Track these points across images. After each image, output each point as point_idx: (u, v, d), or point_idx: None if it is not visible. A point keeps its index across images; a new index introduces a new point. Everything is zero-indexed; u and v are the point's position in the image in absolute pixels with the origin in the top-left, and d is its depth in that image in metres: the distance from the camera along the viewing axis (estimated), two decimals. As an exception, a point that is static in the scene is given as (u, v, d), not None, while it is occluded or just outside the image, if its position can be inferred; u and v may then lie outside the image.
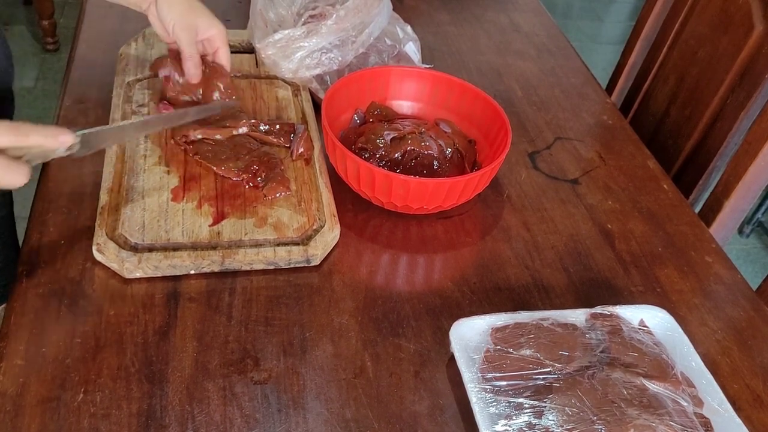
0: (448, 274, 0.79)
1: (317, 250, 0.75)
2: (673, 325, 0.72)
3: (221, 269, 0.73)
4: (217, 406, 0.62)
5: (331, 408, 0.63)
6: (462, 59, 1.17)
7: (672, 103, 1.19)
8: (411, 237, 0.82)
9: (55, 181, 0.80)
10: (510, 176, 0.94)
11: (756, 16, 1.02)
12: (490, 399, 0.62)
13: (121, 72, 0.94)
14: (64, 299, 0.68)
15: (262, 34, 0.96)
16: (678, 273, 0.83)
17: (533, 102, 1.09)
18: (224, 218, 0.76)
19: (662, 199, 0.94)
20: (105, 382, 0.62)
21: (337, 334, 0.70)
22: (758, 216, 2.08)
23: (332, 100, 0.86)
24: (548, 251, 0.83)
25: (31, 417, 0.59)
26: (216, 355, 0.66)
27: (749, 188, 1.02)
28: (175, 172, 0.81)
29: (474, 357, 0.66)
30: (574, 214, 0.89)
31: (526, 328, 0.67)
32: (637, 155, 1.02)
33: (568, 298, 0.78)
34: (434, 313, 0.74)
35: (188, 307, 0.70)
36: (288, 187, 0.81)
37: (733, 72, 1.05)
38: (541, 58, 1.21)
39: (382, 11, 0.98)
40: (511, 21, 1.30)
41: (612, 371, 0.63)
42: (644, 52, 1.29)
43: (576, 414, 0.60)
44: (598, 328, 0.69)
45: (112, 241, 0.71)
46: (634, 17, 2.06)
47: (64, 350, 0.64)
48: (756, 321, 0.79)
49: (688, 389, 0.65)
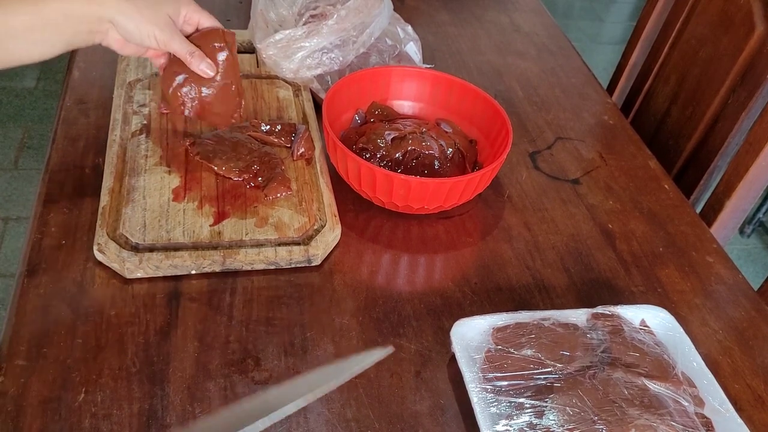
0: (449, 274, 0.79)
1: (318, 250, 0.75)
2: (674, 325, 0.72)
3: (222, 269, 0.73)
4: (218, 406, 0.62)
5: (331, 408, 0.63)
6: (463, 59, 1.17)
7: (673, 103, 1.19)
8: (412, 237, 0.82)
9: (57, 181, 0.80)
10: (511, 176, 0.94)
11: (757, 16, 1.02)
12: (491, 399, 0.62)
13: (121, 72, 0.94)
14: (65, 299, 0.68)
15: (263, 34, 0.96)
16: (679, 273, 0.83)
17: (534, 102, 1.09)
18: (225, 218, 0.76)
19: (663, 199, 0.94)
20: (106, 382, 0.62)
21: (338, 334, 0.70)
22: (759, 216, 2.08)
23: (333, 100, 0.86)
24: (549, 251, 0.83)
25: (33, 417, 0.59)
26: (217, 355, 0.66)
27: (750, 188, 1.02)
28: (176, 172, 0.81)
29: (475, 357, 0.66)
30: (575, 214, 0.89)
31: (527, 328, 0.67)
32: (638, 155, 1.02)
33: (569, 298, 0.78)
34: (435, 313, 0.74)
35: (189, 307, 0.70)
36: (289, 187, 0.81)
37: (734, 72, 1.05)
38: (541, 58, 1.21)
39: (382, 11, 0.98)
40: (511, 21, 1.30)
41: (613, 371, 0.63)
42: (645, 52, 1.29)
43: (577, 414, 0.60)
44: (599, 328, 0.69)
45: (113, 241, 0.71)
46: (634, 17, 2.06)
47: (65, 350, 0.64)
48: (757, 321, 0.79)
49: (689, 389, 0.65)
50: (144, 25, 0.67)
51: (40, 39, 0.64)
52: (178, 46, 0.71)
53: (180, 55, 0.73)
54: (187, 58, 0.73)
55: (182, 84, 0.77)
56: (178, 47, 0.71)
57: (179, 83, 0.77)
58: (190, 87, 0.77)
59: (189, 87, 0.77)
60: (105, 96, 0.91)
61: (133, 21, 0.67)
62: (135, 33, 0.68)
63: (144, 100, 0.90)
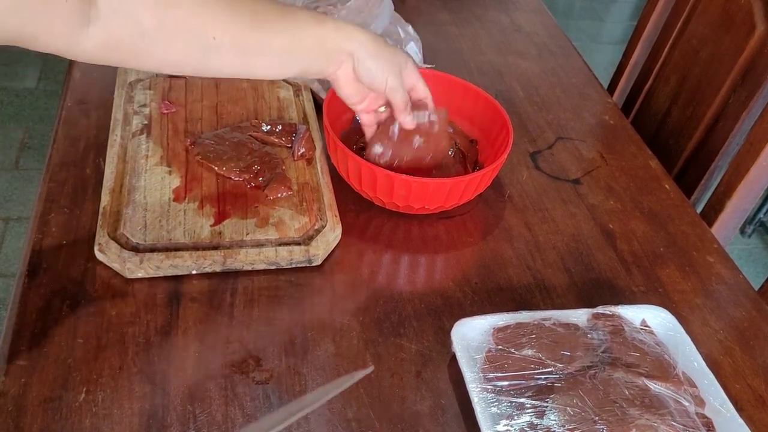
0: (449, 274, 0.79)
1: (319, 250, 0.75)
2: (675, 325, 0.72)
3: (223, 269, 0.73)
4: (219, 406, 0.62)
5: (332, 408, 0.63)
6: (463, 59, 1.17)
7: (674, 103, 1.19)
8: (412, 237, 0.82)
9: (57, 181, 0.80)
10: (511, 176, 0.94)
11: (758, 16, 1.02)
12: (491, 399, 0.62)
13: (122, 72, 0.94)
14: (66, 299, 0.68)
15: (264, 34, 0.96)
16: (680, 273, 0.83)
17: (534, 102, 1.09)
18: (226, 218, 0.76)
19: (664, 199, 0.94)
20: (107, 381, 0.62)
21: (339, 334, 0.70)
22: (760, 216, 2.08)
23: (334, 100, 0.85)
24: (550, 251, 0.83)
25: (33, 417, 0.59)
26: (217, 355, 0.66)
27: (751, 188, 1.02)
28: (177, 172, 0.81)
29: (475, 357, 0.66)
30: (575, 214, 0.89)
31: (527, 328, 0.67)
32: (638, 155, 1.02)
33: (570, 298, 0.78)
34: (436, 313, 0.74)
35: (190, 307, 0.70)
36: (289, 187, 0.81)
37: (734, 72, 1.05)
38: (542, 58, 1.21)
39: (383, 11, 0.98)
40: (512, 21, 1.30)
41: (614, 371, 0.63)
42: (646, 51, 1.29)
43: (578, 414, 0.60)
44: (600, 328, 0.69)
45: (113, 241, 0.71)
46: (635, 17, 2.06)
47: (66, 350, 0.64)
48: (758, 321, 0.79)
49: (689, 389, 0.65)
50: (381, 66, 0.70)
51: (292, 60, 0.67)
52: (402, 95, 0.73)
53: (397, 104, 0.74)
54: (400, 107, 0.74)
55: (381, 155, 0.79)
56: (401, 97, 0.73)
57: (377, 153, 0.79)
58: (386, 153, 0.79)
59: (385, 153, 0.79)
60: (106, 96, 0.91)
61: (373, 59, 0.69)
62: (372, 70, 0.70)
63: (145, 101, 0.90)
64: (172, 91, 0.92)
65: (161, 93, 0.91)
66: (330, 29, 0.67)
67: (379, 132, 0.79)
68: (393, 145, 0.78)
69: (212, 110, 0.91)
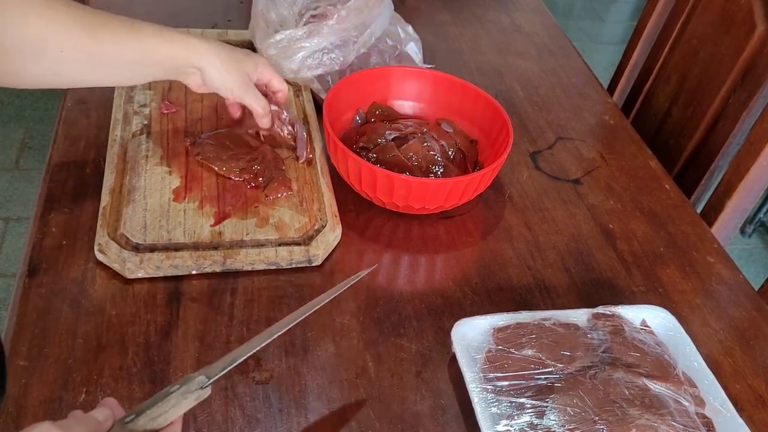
0: (449, 274, 0.79)
1: (319, 250, 0.75)
2: (675, 325, 0.72)
3: (223, 269, 0.73)
4: (219, 407, 0.62)
5: (332, 408, 0.63)
6: (463, 59, 1.17)
7: (674, 103, 1.19)
8: (412, 237, 0.82)
9: (57, 181, 0.80)
10: (511, 176, 0.94)
11: (758, 15, 1.02)
12: (491, 399, 0.62)
13: (122, 72, 0.94)
14: (66, 299, 0.68)
15: (264, 34, 0.96)
16: (680, 273, 0.83)
17: (534, 102, 1.09)
18: (226, 218, 0.76)
19: (664, 199, 0.94)
20: (107, 382, 0.62)
21: (339, 334, 0.70)
22: (760, 216, 2.08)
23: (334, 101, 0.86)
24: (550, 251, 0.83)
25: (34, 417, 0.59)
26: (218, 355, 0.66)
27: (751, 188, 1.02)
28: (177, 172, 0.81)
29: (476, 357, 0.66)
30: (575, 214, 0.89)
31: (527, 328, 0.67)
32: (638, 155, 1.02)
33: (570, 298, 0.78)
34: (436, 313, 0.74)
35: (190, 308, 0.70)
36: (289, 187, 0.81)
37: (734, 72, 1.05)
38: (542, 58, 1.21)
39: (383, 11, 0.98)
40: (512, 21, 1.30)
41: (614, 371, 0.63)
42: (646, 52, 1.29)
43: (578, 414, 0.60)
44: (600, 328, 0.69)
45: (113, 241, 0.71)
46: (635, 17, 2.06)
47: (66, 350, 0.64)
48: (758, 321, 0.79)
49: (690, 389, 0.65)
50: (226, 77, 0.76)
51: (138, 71, 0.73)
52: (251, 99, 0.79)
53: (251, 108, 0.80)
54: (256, 111, 0.81)
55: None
56: (250, 101, 0.79)
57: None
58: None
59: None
60: (106, 96, 0.91)
61: (217, 71, 0.75)
62: (216, 81, 0.76)
63: (145, 101, 0.90)
64: (172, 91, 0.92)
65: (161, 93, 0.91)
66: (179, 47, 0.72)
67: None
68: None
69: (212, 110, 0.91)
